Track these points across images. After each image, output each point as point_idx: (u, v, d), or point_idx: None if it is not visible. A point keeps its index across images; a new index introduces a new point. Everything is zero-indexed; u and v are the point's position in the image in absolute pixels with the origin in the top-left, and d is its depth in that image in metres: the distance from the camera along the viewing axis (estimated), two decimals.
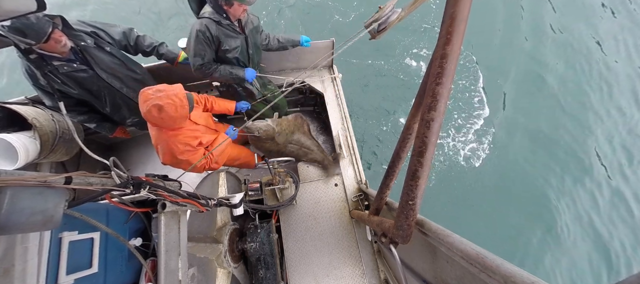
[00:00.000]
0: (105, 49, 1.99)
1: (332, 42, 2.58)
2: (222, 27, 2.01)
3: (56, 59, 1.80)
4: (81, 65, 1.90)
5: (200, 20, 1.98)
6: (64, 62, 1.82)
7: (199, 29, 1.96)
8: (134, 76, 2.20)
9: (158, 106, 1.59)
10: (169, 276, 1.23)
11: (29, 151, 2.06)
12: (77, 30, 1.84)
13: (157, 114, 1.61)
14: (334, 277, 2.09)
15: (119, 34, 2.07)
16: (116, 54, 2.07)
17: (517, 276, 0.59)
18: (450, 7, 0.72)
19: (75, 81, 1.92)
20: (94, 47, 1.92)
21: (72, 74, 1.88)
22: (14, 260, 0.91)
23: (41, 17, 1.59)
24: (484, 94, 4.54)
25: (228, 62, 2.21)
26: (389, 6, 1.05)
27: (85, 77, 1.93)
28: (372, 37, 1.17)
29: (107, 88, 2.07)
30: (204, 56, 2.07)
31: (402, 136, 1.18)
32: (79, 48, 1.86)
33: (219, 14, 1.97)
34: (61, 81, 1.87)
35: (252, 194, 2.25)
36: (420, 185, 0.84)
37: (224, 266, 1.85)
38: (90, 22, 1.96)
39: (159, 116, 1.62)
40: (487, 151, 4.21)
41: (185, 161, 1.88)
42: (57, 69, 1.81)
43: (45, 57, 1.77)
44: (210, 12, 1.97)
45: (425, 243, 1.02)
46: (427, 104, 0.78)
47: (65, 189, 0.85)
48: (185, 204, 1.32)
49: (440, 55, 0.74)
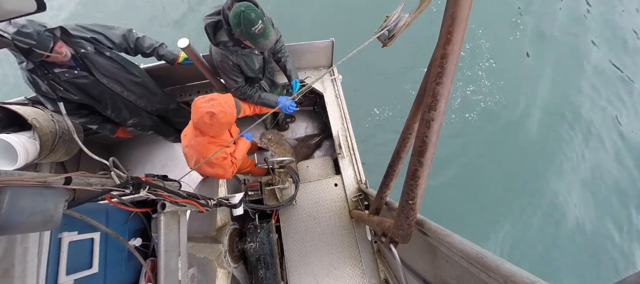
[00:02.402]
0: (105, 54, 2.00)
1: (332, 42, 2.58)
2: (242, 54, 2.00)
3: (57, 67, 1.80)
4: (82, 71, 1.91)
5: (219, 51, 1.96)
6: (64, 69, 1.83)
7: (222, 61, 1.97)
8: (134, 79, 2.21)
9: (211, 113, 1.66)
10: (168, 276, 1.23)
11: (29, 151, 2.05)
12: (76, 37, 1.84)
13: (209, 120, 1.68)
14: (334, 277, 2.09)
15: (118, 37, 2.07)
16: (116, 59, 2.07)
17: (517, 275, 0.59)
18: (450, 7, 0.72)
19: (76, 87, 1.93)
20: (94, 53, 1.93)
21: (73, 80, 1.89)
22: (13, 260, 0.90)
23: (42, 33, 1.60)
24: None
25: (246, 79, 2.21)
26: (396, 14, 1.09)
27: (86, 83, 1.94)
28: (384, 45, 1.20)
29: (108, 92, 2.09)
30: (237, 80, 2.10)
31: (402, 135, 1.18)
32: (79, 55, 1.86)
33: (236, 44, 1.94)
34: (64, 88, 1.88)
35: (252, 194, 2.25)
36: (420, 185, 0.84)
37: (224, 266, 1.85)
38: (90, 27, 1.96)
39: (210, 122, 1.68)
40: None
41: (219, 166, 1.92)
42: (58, 77, 1.82)
43: (46, 66, 1.77)
44: (225, 42, 1.93)
45: (425, 242, 1.02)
46: (427, 103, 0.78)
47: (65, 189, 0.85)
48: (185, 204, 1.32)
49: (440, 55, 0.74)
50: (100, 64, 1.96)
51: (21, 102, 2.29)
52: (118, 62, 2.08)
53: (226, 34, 1.89)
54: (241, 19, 1.66)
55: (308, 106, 3.45)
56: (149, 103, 2.39)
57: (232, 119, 1.78)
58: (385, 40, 1.17)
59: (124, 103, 2.22)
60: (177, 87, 2.92)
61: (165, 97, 2.55)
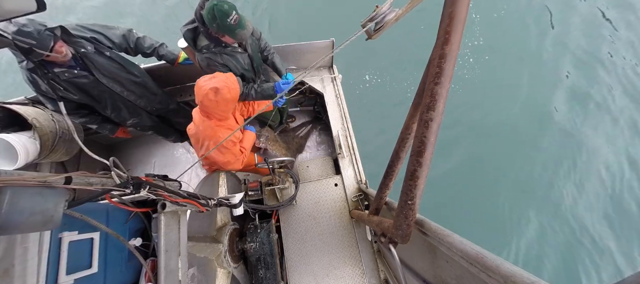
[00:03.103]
0: (105, 54, 2.00)
1: (332, 42, 2.58)
2: (225, 53, 1.98)
3: (57, 66, 1.81)
4: (81, 71, 1.91)
5: (203, 57, 1.95)
6: (64, 69, 1.83)
7: (208, 65, 1.96)
8: (134, 79, 2.21)
9: (215, 88, 1.66)
10: (169, 276, 1.23)
11: (29, 151, 2.06)
12: (76, 37, 1.84)
13: (214, 97, 1.68)
14: (334, 277, 2.09)
15: (118, 37, 2.07)
16: (116, 58, 2.07)
17: (517, 275, 0.59)
18: (448, 7, 0.72)
19: (76, 87, 1.93)
20: (94, 53, 1.92)
21: (73, 80, 1.89)
22: (14, 260, 0.91)
23: (43, 32, 1.60)
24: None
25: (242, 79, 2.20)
26: (386, 5, 1.02)
27: (85, 82, 1.94)
28: (369, 37, 1.14)
29: (108, 92, 2.09)
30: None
31: (401, 135, 1.18)
32: (79, 54, 1.86)
33: (217, 45, 1.93)
34: (63, 88, 1.88)
35: (252, 194, 2.25)
36: (419, 185, 0.84)
37: (224, 266, 1.85)
38: (90, 27, 1.96)
39: (215, 98, 1.68)
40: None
41: (229, 152, 1.94)
42: (58, 76, 1.82)
43: (46, 65, 1.77)
44: (207, 45, 1.93)
45: (425, 242, 1.02)
46: (425, 104, 0.78)
47: (65, 189, 0.85)
48: (185, 204, 1.32)
49: (438, 55, 0.74)
50: (100, 63, 1.96)
51: (21, 102, 2.29)
52: (118, 62, 2.08)
53: (205, 37, 1.89)
54: (215, 12, 1.66)
55: (308, 105, 3.45)
56: (148, 103, 2.39)
57: (237, 95, 1.80)
58: (372, 33, 1.10)
59: (124, 103, 2.22)
60: (177, 87, 2.92)
61: (165, 97, 2.55)
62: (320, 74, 2.84)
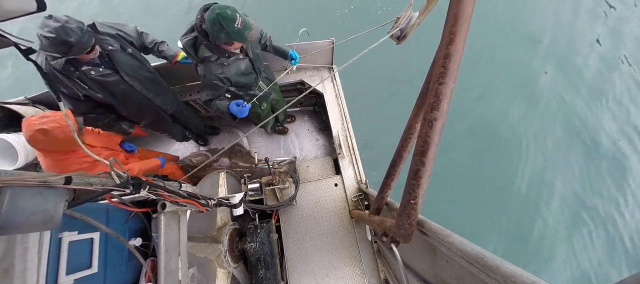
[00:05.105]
0: (127, 51, 1.98)
1: (332, 42, 2.57)
2: (227, 63, 1.93)
3: (85, 64, 1.78)
4: (106, 69, 1.88)
5: (204, 67, 1.90)
6: (90, 66, 1.80)
7: (205, 76, 1.92)
8: (150, 76, 2.20)
9: (43, 130, 1.58)
10: (168, 276, 1.23)
11: (29, 151, 2.05)
12: (103, 34, 1.82)
13: (43, 137, 1.60)
14: (334, 277, 2.09)
15: (133, 31, 2.06)
16: (136, 56, 2.05)
17: (517, 275, 0.59)
18: (453, 7, 0.71)
19: (101, 85, 1.90)
20: (118, 51, 1.91)
21: (98, 78, 1.86)
22: (14, 260, 0.90)
23: (85, 30, 1.58)
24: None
25: (241, 85, 2.16)
26: (405, 15, 1.24)
27: (110, 81, 1.92)
28: (398, 43, 1.40)
29: (129, 90, 2.07)
30: (214, 95, 2.02)
31: (404, 135, 1.17)
32: (106, 52, 1.84)
33: (221, 56, 1.88)
34: (88, 86, 1.85)
35: (252, 194, 2.25)
36: (422, 184, 0.83)
37: (224, 266, 1.84)
38: (109, 24, 1.93)
39: (45, 138, 1.60)
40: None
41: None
42: (85, 74, 1.80)
43: (75, 63, 1.74)
44: (209, 56, 1.87)
45: (425, 242, 1.02)
46: (430, 103, 0.78)
47: (65, 189, 0.84)
48: (185, 204, 1.31)
49: (443, 55, 0.74)
50: (123, 61, 1.94)
51: (21, 102, 2.29)
52: (138, 60, 2.06)
53: (207, 49, 1.84)
54: (221, 21, 1.57)
55: (308, 105, 3.45)
56: (164, 101, 2.38)
57: (70, 133, 1.62)
58: (398, 40, 1.36)
59: (142, 101, 2.20)
60: (177, 87, 2.92)
61: (175, 96, 2.56)
62: (320, 73, 2.83)
